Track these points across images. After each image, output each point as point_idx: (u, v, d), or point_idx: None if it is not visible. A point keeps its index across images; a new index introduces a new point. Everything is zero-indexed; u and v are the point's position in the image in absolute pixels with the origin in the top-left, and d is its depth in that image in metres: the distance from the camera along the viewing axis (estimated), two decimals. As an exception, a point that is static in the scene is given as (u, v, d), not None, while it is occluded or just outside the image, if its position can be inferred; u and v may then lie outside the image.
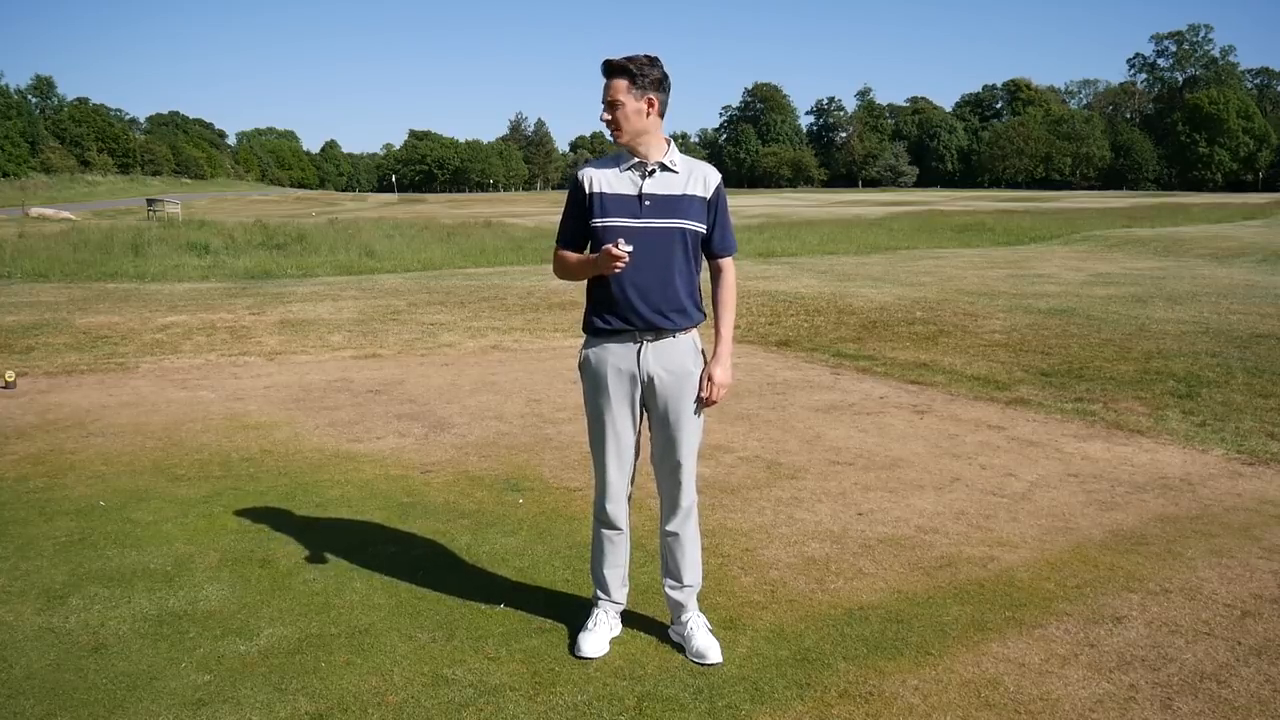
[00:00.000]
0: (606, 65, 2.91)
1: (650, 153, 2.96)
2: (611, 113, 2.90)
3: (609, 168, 3.00)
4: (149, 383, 7.50)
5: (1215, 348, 8.51)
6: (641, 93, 2.89)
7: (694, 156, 3.11)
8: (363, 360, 8.45)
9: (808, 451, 5.48)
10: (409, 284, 14.64)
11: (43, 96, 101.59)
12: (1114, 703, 2.81)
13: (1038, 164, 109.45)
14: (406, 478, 5.02)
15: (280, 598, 3.55)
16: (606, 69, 2.91)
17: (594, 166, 3.04)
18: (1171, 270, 16.11)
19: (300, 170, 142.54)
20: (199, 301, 12.47)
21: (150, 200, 40.75)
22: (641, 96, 2.89)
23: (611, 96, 2.89)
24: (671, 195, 2.95)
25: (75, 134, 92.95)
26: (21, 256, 17.55)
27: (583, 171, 3.03)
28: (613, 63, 2.90)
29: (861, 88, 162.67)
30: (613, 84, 2.89)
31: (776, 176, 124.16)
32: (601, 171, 3.00)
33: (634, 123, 2.91)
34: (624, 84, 2.88)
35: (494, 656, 3.11)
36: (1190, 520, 4.32)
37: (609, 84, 2.90)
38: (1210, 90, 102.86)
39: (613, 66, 2.89)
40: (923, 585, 3.64)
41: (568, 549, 4.01)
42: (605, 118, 2.93)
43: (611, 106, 2.90)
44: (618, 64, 2.89)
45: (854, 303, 11.98)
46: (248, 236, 22.52)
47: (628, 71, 2.87)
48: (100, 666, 3.04)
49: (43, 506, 4.55)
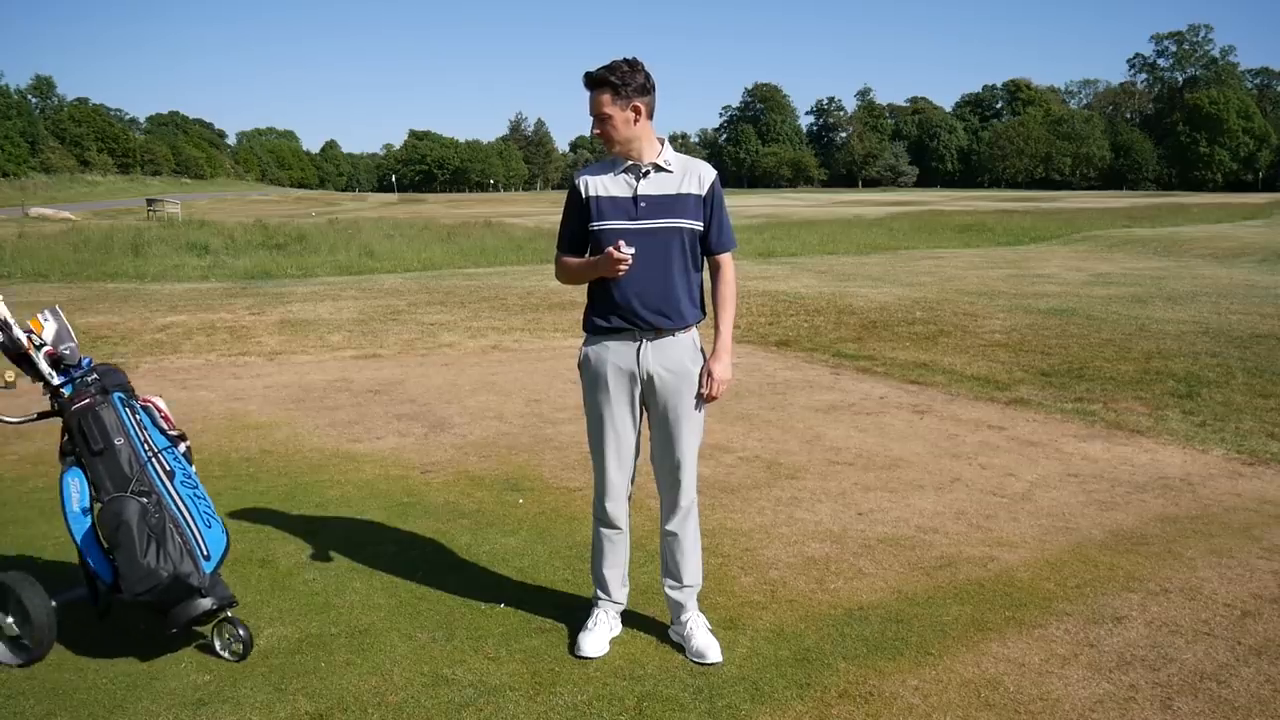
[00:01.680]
0: (588, 78, 2.91)
1: (644, 155, 2.97)
2: (600, 126, 2.92)
3: (605, 171, 3.02)
4: (149, 383, 7.49)
5: (1215, 348, 8.51)
6: (626, 101, 2.89)
7: (694, 157, 3.11)
8: (363, 360, 8.45)
9: (808, 451, 5.48)
10: (409, 284, 14.64)
11: (43, 96, 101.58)
12: (1114, 703, 2.81)
13: (1038, 164, 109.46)
14: (406, 478, 5.02)
15: (280, 598, 3.55)
16: (588, 82, 2.90)
17: (590, 171, 3.05)
18: (1171, 270, 16.11)
19: (300, 170, 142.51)
20: (199, 301, 12.47)
21: (150, 200, 40.77)
22: (627, 105, 2.89)
23: (598, 111, 2.90)
24: (667, 195, 2.96)
25: (75, 134, 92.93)
26: (21, 256, 17.55)
27: (579, 177, 3.04)
28: (594, 75, 2.89)
29: (861, 88, 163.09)
30: (597, 98, 2.89)
31: (776, 176, 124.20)
32: (597, 175, 3.01)
33: (623, 131, 2.92)
34: (608, 96, 2.88)
35: (494, 656, 3.11)
36: (1190, 520, 4.32)
37: (593, 97, 2.90)
38: (1210, 90, 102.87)
39: (594, 80, 2.89)
40: (923, 585, 3.64)
41: (568, 549, 4.01)
42: (595, 132, 2.95)
43: (599, 120, 2.91)
44: (599, 76, 2.88)
45: (854, 303, 11.98)
46: (248, 236, 22.51)
47: (609, 83, 2.87)
48: (100, 666, 3.04)
49: (43, 506, 4.54)
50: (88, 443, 2.98)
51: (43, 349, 3.10)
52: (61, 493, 3.00)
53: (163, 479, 3.04)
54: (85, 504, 3.00)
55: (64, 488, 3.01)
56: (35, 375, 3.10)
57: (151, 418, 3.18)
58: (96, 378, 3.11)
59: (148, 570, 2.85)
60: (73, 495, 3.00)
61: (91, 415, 3.01)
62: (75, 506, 2.99)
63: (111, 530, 2.87)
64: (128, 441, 3.02)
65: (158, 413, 3.21)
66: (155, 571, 2.86)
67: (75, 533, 2.99)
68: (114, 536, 2.87)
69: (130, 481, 2.96)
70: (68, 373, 3.12)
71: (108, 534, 2.90)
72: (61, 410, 3.06)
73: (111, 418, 3.03)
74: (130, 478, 2.97)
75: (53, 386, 3.09)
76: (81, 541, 2.99)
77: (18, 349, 3.06)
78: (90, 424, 3.00)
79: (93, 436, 2.99)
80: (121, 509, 2.88)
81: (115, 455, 2.98)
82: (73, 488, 3.01)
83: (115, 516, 2.87)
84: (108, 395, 3.07)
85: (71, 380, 3.10)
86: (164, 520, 2.93)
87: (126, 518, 2.86)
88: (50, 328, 3.15)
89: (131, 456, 3.00)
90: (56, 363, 3.12)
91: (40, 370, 3.08)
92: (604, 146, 2.99)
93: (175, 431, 3.21)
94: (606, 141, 2.95)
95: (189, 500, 3.07)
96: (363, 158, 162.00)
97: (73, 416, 3.02)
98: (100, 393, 3.07)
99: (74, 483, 3.01)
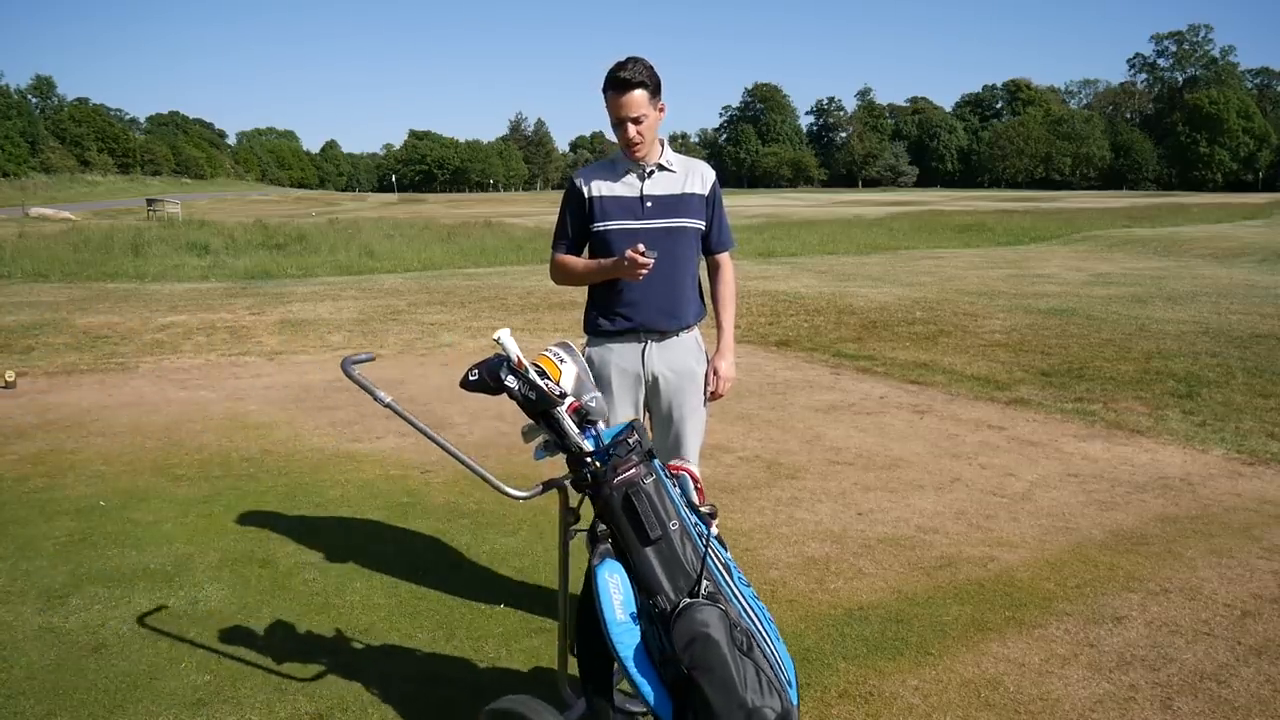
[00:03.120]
0: (622, 80, 2.80)
1: (649, 155, 2.96)
2: (634, 127, 2.84)
3: (605, 171, 2.99)
4: (149, 383, 7.50)
5: (1215, 348, 8.51)
6: (655, 100, 2.88)
7: (694, 157, 3.11)
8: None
9: (808, 451, 5.48)
10: (409, 284, 14.64)
11: (43, 96, 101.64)
12: (1114, 703, 2.81)
13: (1038, 164, 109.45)
14: (406, 478, 5.02)
15: (280, 598, 3.55)
16: (623, 83, 2.80)
17: (589, 171, 3.02)
18: (1171, 270, 16.10)
19: (300, 170, 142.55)
20: (199, 301, 12.47)
21: (150, 200, 40.77)
22: (656, 104, 2.89)
23: (636, 112, 2.82)
24: (672, 195, 2.96)
25: (75, 134, 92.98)
26: (21, 256, 17.55)
27: (578, 177, 3.01)
28: (629, 76, 2.80)
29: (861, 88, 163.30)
30: (633, 99, 2.81)
31: (776, 176, 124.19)
32: (598, 176, 2.99)
33: (653, 131, 2.90)
34: (644, 96, 2.83)
35: (494, 656, 3.11)
36: (1190, 520, 4.32)
37: (627, 98, 2.81)
38: (1210, 90, 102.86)
39: (631, 81, 2.80)
40: (923, 585, 3.64)
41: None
42: (634, 133, 2.85)
43: (634, 121, 2.84)
44: (636, 77, 2.81)
45: (854, 303, 11.98)
46: (248, 236, 22.51)
47: (643, 83, 2.82)
48: (100, 666, 3.04)
49: (43, 506, 4.55)
50: (643, 529, 2.22)
51: (566, 401, 2.29)
52: (596, 594, 2.20)
53: (724, 576, 2.29)
54: (634, 609, 2.21)
55: (600, 587, 2.21)
56: (556, 436, 2.29)
57: (683, 488, 2.41)
58: (638, 438, 2.32)
59: (750, 708, 2.10)
60: (613, 598, 2.21)
61: (644, 493, 2.24)
62: (620, 613, 2.19)
63: (698, 651, 2.10)
64: (682, 526, 2.26)
65: (692, 482, 2.44)
66: (759, 711, 2.11)
67: (620, 648, 2.18)
68: (697, 657, 2.10)
69: (694, 581, 2.22)
70: (587, 431, 2.32)
71: (686, 654, 2.12)
72: (596, 484, 2.26)
73: (663, 494, 2.28)
74: (692, 575, 2.22)
75: (583, 454, 2.27)
76: (633, 660, 2.18)
77: (544, 403, 2.25)
78: (646, 504, 2.23)
79: (649, 521, 2.22)
80: (705, 620, 2.13)
81: (672, 545, 2.23)
82: (613, 588, 2.22)
83: (698, 630, 2.12)
84: (651, 461, 2.31)
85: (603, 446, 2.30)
86: (750, 636, 2.20)
87: (713, 633, 2.12)
88: (569, 371, 2.36)
89: (689, 546, 2.25)
90: (581, 420, 2.33)
91: (566, 431, 2.27)
92: (632, 149, 2.89)
93: (707, 508, 2.40)
94: (636, 143, 2.87)
95: (754, 604, 2.32)
96: (363, 158, 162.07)
97: (615, 494, 2.24)
98: (645, 459, 2.30)
99: (613, 580, 2.23)
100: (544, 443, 2.32)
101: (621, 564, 2.24)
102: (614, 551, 2.25)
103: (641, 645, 2.17)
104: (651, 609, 2.19)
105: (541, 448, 2.33)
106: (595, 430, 2.31)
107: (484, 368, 2.29)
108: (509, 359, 2.25)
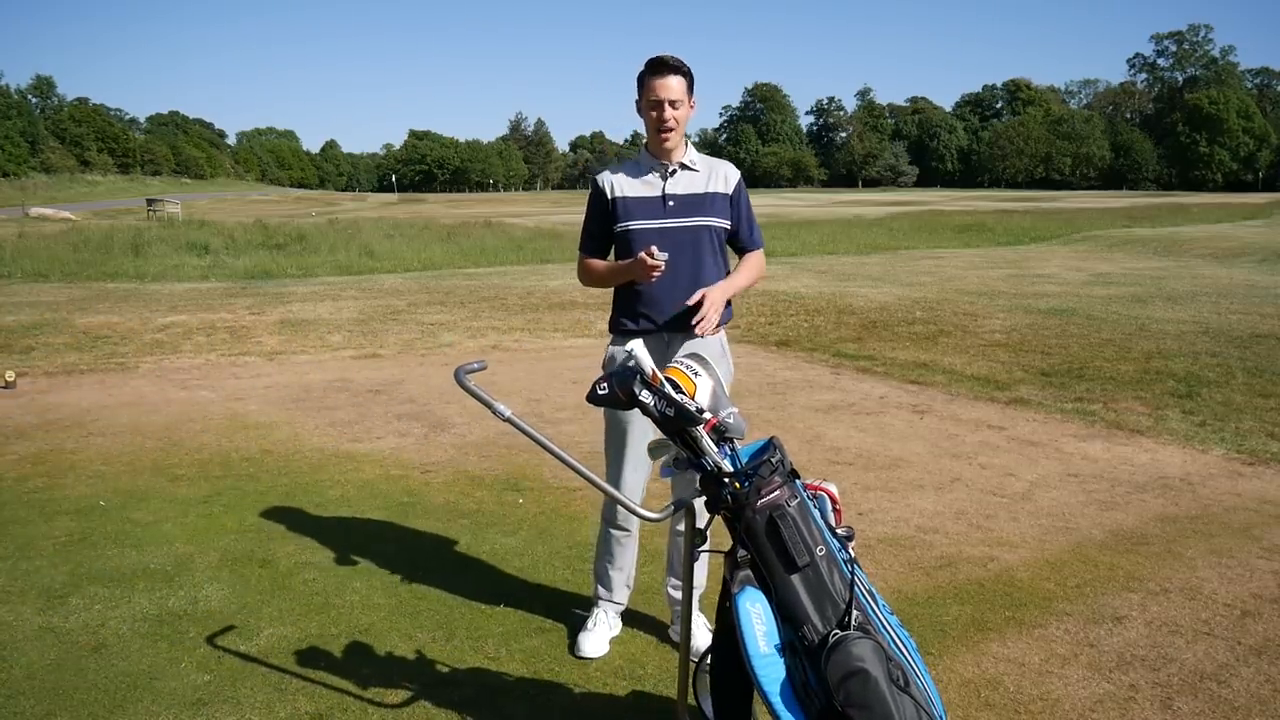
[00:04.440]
0: (665, 64, 2.86)
1: (673, 154, 2.96)
2: (671, 111, 2.87)
3: (628, 170, 3.01)
4: (149, 383, 7.50)
5: (1215, 348, 8.51)
6: (690, 94, 2.91)
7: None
8: (363, 360, 8.45)
9: (808, 451, 5.48)
10: (409, 284, 14.64)
11: (43, 96, 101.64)
12: (1114, 703, 2.81)
13: (1038, 164, 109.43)
14: (406, 478, 5.02)
15: (280, 598, 3.55)
16: (665, 67, 2.85)
17: (612, 170, 3.03)
18: (1171, 270, 16.10)
19: (300, 170, 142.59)
20: (199, 301, 12.47)
21: (150, 200, 40.76)
22: (690, 97, 2.92)
23: (674, 95, 2.86)
24: (695, 194, 2.96)
25: (75, 134, 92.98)
26: (21, 256, 17.55)
27: (601, 176, 3.02)
28: (672, 62, 2.86)
29: (861, 88, 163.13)
30: (672, 83, 2.86)
31: (776, 176, 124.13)
32: (620, 174, 3.00)
33: (684, 123, 2.93)
34: (683, 84, 2.88)
35: (494, 656, 3.11)
36: (1190, 520, 4.32)
37: (665, 82, 2.85)
38: (1210, 90, 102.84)
39: (672, 66, 2.86)
40: (923, 585, 3.64)
41: (568, 549, 4.01)
42: (669, 116, 2.87)
43: (672, 105, 2.87)
44: (679, 64, 2.87)
45: (854, 303, 11.98)
46: (248, 236, 22.50)
47: (683, 72, 2.87)
48: (100, 666, 3.04)
49: (43, 506, 4.55)
50: (789, 555, 2.07)
51: (703, 417, 2.13)
52: (738, 624, 2.06)
53: (870, 604, 2.15)
54: (778, 640, 2.06)
55: (742, 617, 2.06)
56: (691, 454, 2.16)
57: (823, 510, 2.24)
58: (780, 457, 2.17)
59: None
60: (756, 629, 2.05)
61: (789, 516, 2.08)
62: (763, 645, 2.04)
63: (855, 688, 1.96)
64: (828, 551, 2.11)
65: (831, 503, 2.27)
66: None
67: (765, 681, 2.03)
68: (854, 695, 1.97)
69: (843, 611, 2.07)
70: (723, 448, 2.18)
71: (841, 690, 1.97)
72: (737, 507, 2.10)
73: (808, 518, 2.12)
74: (841, 604, 2.07)
75: (722, 474, 2.13)
76: (779, 695, 2.03)
77: (684, 419, 2.10)
78: (792, 529, 2.07)
79: (796, 547, 2.07)
80: (860, 655, 2.00)
81: (819, 572, 2.08)
82: (755, 618, 2.06)
83: (854, 665, 1.98)
84: (794, 482, 2.15)
85: (741, 465, 2.16)
86: (904, 670, 2.06)
87: (871, 670, 1.98)
88: (704, 385, 2.18)
89: (836, 573, 2.10)
90: (719, 437, 2.18)
91: (705, 450, 2.13)
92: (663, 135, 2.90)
93: (844, 530, 2.24)
94: (669, 130, 2.89)
95: (900, 633, 2.18)
96: (363, 158, 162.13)
97: (758, 517, 2.08)
98: (788, 479, 2.14)
99: (755, 610, 2.07)
100: (674, 459, 2.18)
101: (763, 591, 2.10)
102: (754, 579, 2.11)
103: (787, 679, 2.04)
104: (799, 640, 2.06)
105: (670, 465, 2.19)
106: (731, 447, 2.18)
107: (615, 381, 2.13)
108: (643, 372, 2.10)
